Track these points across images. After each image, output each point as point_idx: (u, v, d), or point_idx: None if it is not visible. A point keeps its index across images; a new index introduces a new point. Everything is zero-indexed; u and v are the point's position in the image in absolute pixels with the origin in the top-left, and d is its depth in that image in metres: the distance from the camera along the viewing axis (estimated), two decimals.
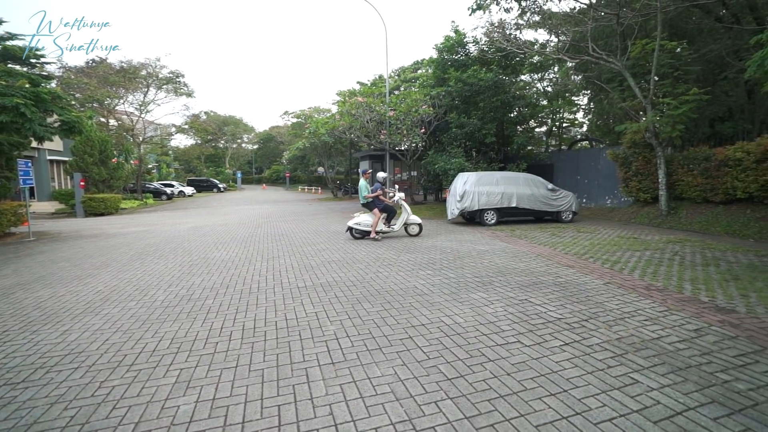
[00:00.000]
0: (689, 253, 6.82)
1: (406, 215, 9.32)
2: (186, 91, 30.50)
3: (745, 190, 8.86)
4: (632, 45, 11.43)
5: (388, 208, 9.29)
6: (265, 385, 2.72)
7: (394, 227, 9.33)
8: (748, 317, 3.74)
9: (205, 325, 3.88)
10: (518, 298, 4.43)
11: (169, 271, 6.32)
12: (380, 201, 9.18)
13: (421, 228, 9.52)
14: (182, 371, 2.93)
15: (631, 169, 11.98)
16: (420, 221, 9.48)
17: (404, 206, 9.34)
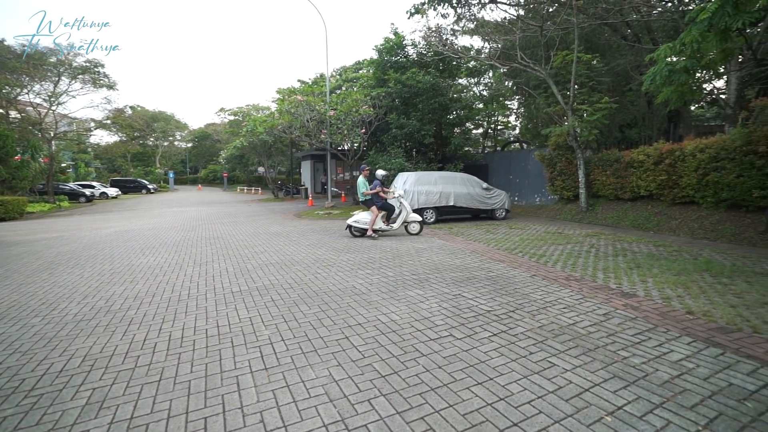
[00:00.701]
0: (603, 245, 7.54)
1: (406, 214, 9.24)
2: (106, 83, 27.85)
3: (646, 189, 10.00)
4: (554, 55, 12.41)
5: (387, 206, 9.22)
6: (192, 397, 2.57)
7: (394, 225, 9.23)
8: (646, 300, 4.23)
9: (125, 338, 3.58)
10: (452, 294, 4.62)
11: (85, 281, 5.74)
12: (379, 198, 9.13)
13: (422, 226, 9.44)
14: (95, 391, 2.68)
15: (556, 170, 12.99)
16: (420, 219, 9.39)
17: (404, 205, 9.25)
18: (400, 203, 9.32)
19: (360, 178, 9.42)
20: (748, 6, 4.76)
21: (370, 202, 9.09)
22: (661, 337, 3.29)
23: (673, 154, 9.20)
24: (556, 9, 13.30)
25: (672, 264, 5.80)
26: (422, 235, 9.43)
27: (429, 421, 2.25)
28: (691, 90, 6.79)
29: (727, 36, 5.20)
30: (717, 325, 3.51)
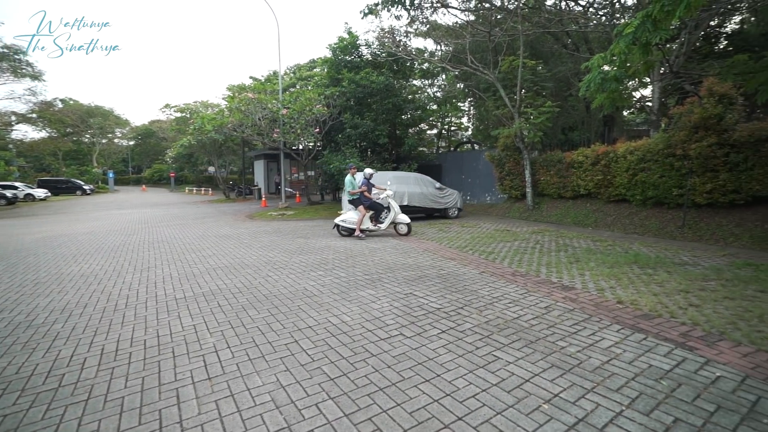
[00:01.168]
0: (547, 241, 7.98)
1: (394, 214, 8.97)
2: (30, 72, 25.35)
3: (585, 188, 10.72)
4: (502, 60, 12.96)
5: (375, 206, 9.03)
6: (125, 415, 2.40)
7: (381, 226, 9.03)
8: (583, 292, 4.53)
9: (48, 355, 3.27)
10: (404, 293, 4.68)
11: (1, 293, 5.19)
12: (366, 198, 8.91)
13: (410, 228, 9.07)
14: (6, 418, 2.42)
15: (504, 170, 13.56)
16: (408, 220, 9.05)
17: (392, 205, 8.98)
18: (389, 203, 9.09)
19: (347, 177, 9.17)
20: (664, 24, 5.24)
21: (357, 202, 8.91)
22: (595, 326, 3.53)
23: (608, 155, 9.93)
24: (504, 16, 13.90)
25: (606, 258, 6.25)
26: (376, 234, 9.47)
27: (376, 421, 2.27)
28: (621, 97, 7.34)
29: (649, 49, 5.68)
30: (642, 313, 3.83)
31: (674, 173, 8.29)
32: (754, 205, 7.46)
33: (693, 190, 7.99)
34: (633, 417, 2.24)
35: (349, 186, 8.97)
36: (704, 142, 7.55)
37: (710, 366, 2.77)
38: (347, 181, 9.03)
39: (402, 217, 9.02)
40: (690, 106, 7.90)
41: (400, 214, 9.00)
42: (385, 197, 9.04)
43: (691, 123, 7.75)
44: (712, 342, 3.15)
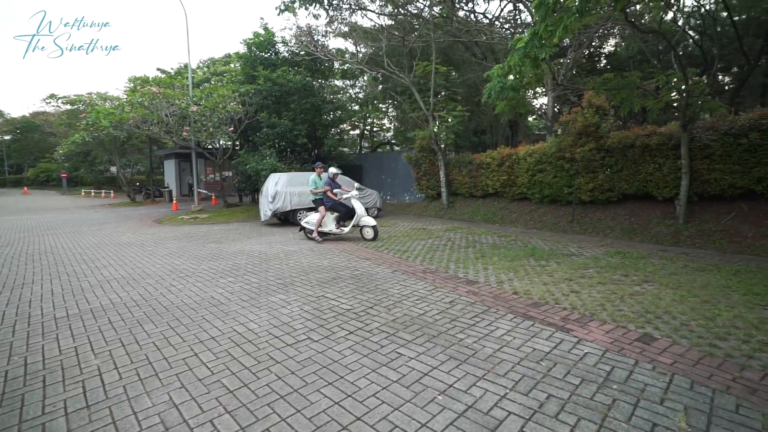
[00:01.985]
0: (458, 238, 8.48)
1: (358, 217, 8.29)
2: None
3: (493, 187, 11.62)
4: (416, 65, 13.48)
5: (338, 207, 8.35)
6: None
7: (345, 229, 8.40)
8: (485, 285, 4.90)
9: None
10: (315, 295, 4.64)
11: None
12: (329, 199, 8.33)
13: (376, 231, 8.27)
14: None
15: (421, 170, 14.12)
16: (374, 223, 8.27)
17: (356, 207, 8.27)
18: (352, 205, 8.43)
19: (312, 176, 8.65)
20: (549, 42, 5.88)
21: (320, 202, 8.43)
22: (492, 317, 3.84)
23: (511, 157, 10.86)
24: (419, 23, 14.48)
25: (508, 252, 6.83)
26: (296, 237, 9.27)
27: (274, 431, 2.22)
28: (520, 104, 8.08)
29: (538, 63, 6.33)
30: (533, 301, 4.26)
31: (564, 174, 9.34)
32: (624, 202, 8.72)
33: (579, 189, 9.08)
34: (515, 398, 2.47)
35: (312, 185, 8.53)
36: (586, 147, 8.63)
37: (581, 345, 3.17)
38: (311, 180, 8.58)
39: (367, 219, 8.31)
40: (575, 115, 8.97)
41: (365, 217, 8.32)
42: (347, 198, 8.39)
43: (575, 130, 8.80)
44: (585, 323, 3.61)
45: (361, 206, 8.30)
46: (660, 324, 3.53)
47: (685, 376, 2.66)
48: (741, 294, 4.28)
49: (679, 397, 2.43)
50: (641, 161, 8.02)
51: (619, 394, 2.47)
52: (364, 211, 8.26)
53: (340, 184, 8.62)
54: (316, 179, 8.55)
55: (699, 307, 3.89)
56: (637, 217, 8.26)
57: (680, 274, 5.14)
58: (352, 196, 8.35)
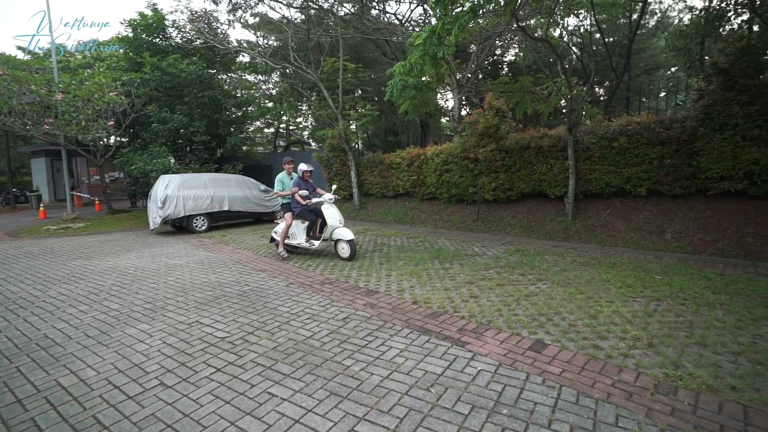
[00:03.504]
0: (366, 241, 8.16)
1: (330, 228, 6.42)
2: None
3: (403, 187, 11.56)
4: (324, 61, 12.93)
5: (307, 214, 6.61)
6: None
7: (315, 243, 6.63)
8: (384, 295, 4.58)
9: None
10: (188, 322, 3.90)
11: None
12: (297, 203, 6.63)
13: (353, 248, 6.39)
14: None
15: (333, 170, 13.61)
16: (351, 237, 6.34)
17: (328, 214, 6.42)
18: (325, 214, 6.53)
19: (279, 175, 6.99)
20: (447, 41, 5.80)
21: (287, 208, 6.83)
22: (386, 334, 3.50)
23: (420, 157, 10.88)
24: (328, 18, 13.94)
25: (414, 255, 6.66)
26: (188, 246, 8.17)
27: None
28: (424, 104, 8.00)
29: (438, 62, 6.24)
30: (431, 311, 4.03)
31: (469, 174, 9.56)
32: (522, 200, 9.17)
33: (483, 189, 9.35)
34: None
35: (278, 186, 6.91)
36: (488, 148, 8.90)
37: (475, 361, 2.96)
38: (278, 180, 6.94)
39: (342, 232, 6.38)
40: (477, 117, 9.21)
41: (340, 228, 6.40)
42: (318, 203, 6.61)
43: (478, 131, 9.03)
44: (481, 333, 3.45)
45: (335, 214, 6.42)
46: (551, 327, 3.50)
47: (572, 388, 2.56)
48: (617, 287, 4.53)
49: (566, 415, 2.29)
50: (536, 162, 8.47)
51: (509, 420, 2.26)
52: (339, 221, 6.40)
53: (314, 186, 6.99)
54: (283, 178, 6.94)
55: (584, 305, 3.99)
56: (534, 215, 8.73)
57: (569, 270, 5.37)
58: (325, 201, 6.54)
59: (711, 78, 6.63)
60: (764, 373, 2.68)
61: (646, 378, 2.64)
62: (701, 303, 3.96)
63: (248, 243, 8.40)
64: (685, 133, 6.73)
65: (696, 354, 2.95)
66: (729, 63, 6.28)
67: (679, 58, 15.71)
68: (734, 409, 2.32)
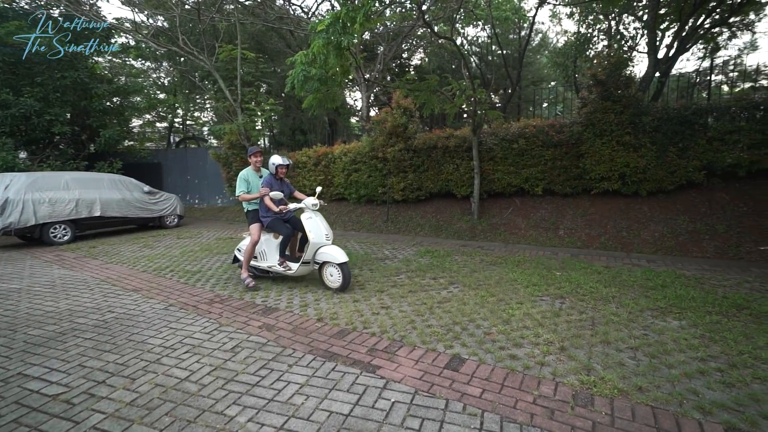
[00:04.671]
0: None
1: (313, 247, 4.56)
2: None
3: (310, 188, 10.90)
4: (219, 48, 11.63)
5: (282, 227, 4.72)
6: None
7: (292, 266, 4.73)
8: (286, 313, 3.98)
9: None
10: (4, 376, 2.86)
11: None
12: (268, 210, 4.73)
13: (346, 275, 4.51)
14: None
15: (232, 169, 12.33)
16: (344, 259, 4.49)
17: (311, 227, 4.56)
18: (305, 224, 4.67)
19: (242, 172, 4.95)
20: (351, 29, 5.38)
21: (254, 218, 4.91)
22: (284, 365, 2.93)
23: (327, 156, 10.35)
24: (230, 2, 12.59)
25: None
26: (37, 263, 6.49)
27: None
28: (329, 99, 7.48)
29: (342, 53, 5.79)
30: (339, 329, 3.55)
31: (378, 174, 9.31)
32: (431, 200, 9.22)
33: (392, 189, 9.17)
34: None
35: (242, 186, 4.88)
36: (396, 147, 8.73)
37: (388, 390, 2.56)
38: (241, 177, 4.91)
39: (329, 252, 4.54)
40: (385, 115, 8.99)
41: (327, 247, 4.60)
42: (295, 209, 4.79)
43: (386, 130, 8.81)
44: (394, 352, 3.07)
45: (320, 227, 4.62)
46: (466, 337, 3.28)
47: (495, 412, 2.30)
48: (525, 287, 4.57)
49: None
50: (443, 162, 8.53)
51: None
52: (325, 236, 4.60)
53: (291, 187, 5.12)
54: (248, 176, 4.95)
55: (497, 309, 3.89)
56: (442, 214, 8.81)
57: (479, 270, 5.34)
58: (307, 207, 4.77)
59: (591, 88, 7.27)
60: (659, 366, 2.75)
61: (564, 389, 2.50)
62: (597, 298, 4.13)
63: (124, 255, 7.01)
64: (573, 137, 7.29)
65: (602, 354, 2.94)
66: (605, 75, 6.93)
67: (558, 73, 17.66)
68: (645, 412, 2.27)
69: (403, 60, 19.98)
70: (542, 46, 21.58)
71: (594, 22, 14.08)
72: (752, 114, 6.41)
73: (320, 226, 4.63)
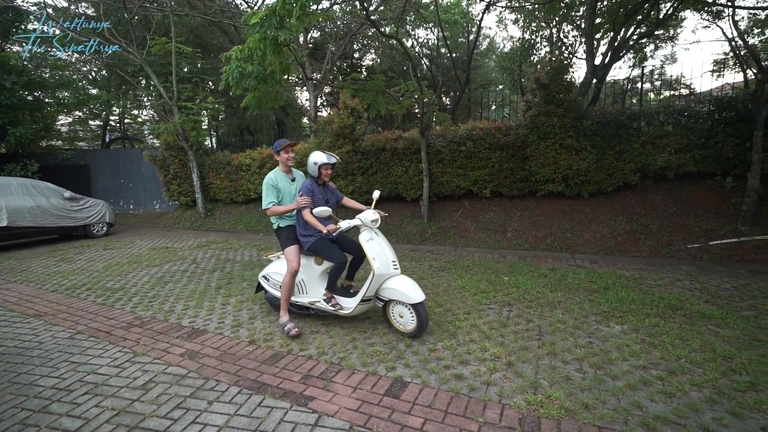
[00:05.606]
0: (207, 258, 6.80)
1: (378, 279, 3.37)
2: None
3: (256, 191, 10.31)
4: (152, 40, 10.71)
5: (330, 250, 3.55)
6: None
7: (345, 306, 3.53)
8: (214, 336, 3.56)
9: None
10: None
11: None
12: (310, 229, 3.59)
13: (422, 317, 3.27)
14: None
15: (170, 173, 11.44)
16: (420, 298, 3.26)
17: (375, 250, 3.39)
18: (367, 247, 3.43)
19: (269, 177, 3.70)
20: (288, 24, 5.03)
21: (289, 237, 3.71)
22: (204, 401, 2.54)
23: (272, 159, 9.82)
24: None
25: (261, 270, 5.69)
26: None
27: None
28: (270, 98, 7.03)
29: (281, 50, 5.41)
30: (272, 352, 3.21)
31: None
32: (381, 203, 8.96)
33: (340, 191, 8.85)
34: None
35: (270, 195, 3.65)
36: (344, 149, 8.43)
37: (319, 427, 2.27)
38: (267, 183, 3.66)
39: (400, 285, 3.34)
40: (333, 116, 8.66)
41: (396, 278, 3.41)
42: (348, 228, 3.53)
43: (333, 131, 8.49)
44: (330, 378, 2.78)
45: (386, 252, 3.45)
46: (410, 356, 3.07)
47: None
48: (472, 294, 4.46)
49: None
50: (392, 164, 8.35)
51: None
52: (392, 263, 3.42)
53: (338, 193, 3.98)
54: (278, 179, 3.72)
55: (443, 321, 3.72)
56: (392, 218, 8.63)
57: (427, 278, 5.18)
58: (366, 224, 3.52)
59: (535, 91, 7.40)
60: (604, 378, 2.68)
61: (510, 412, 2.34)
62: (544, 303, 4.09)
63: (33, 272, 6.14)
64: (518, 139, 7.37)
65: (549, 367, 2.84)
66: (548, 79, 7.07)
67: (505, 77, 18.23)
68: None
69: (354, 60, 19.72)
70: (490, 50, 22.20)
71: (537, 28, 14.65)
72: (677, 120, 6.80)
73: (385, 250, 3.42)
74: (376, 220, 3.52)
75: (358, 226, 3.51)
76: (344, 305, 3.55)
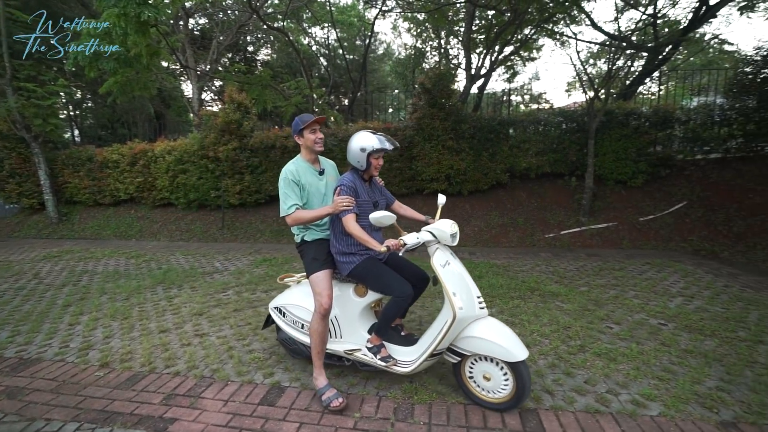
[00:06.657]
0: (57, 271, 5.71)
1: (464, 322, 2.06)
2: None
3: (126, 192, 9.05)
4: None
5: (385, 276, 2.22)
6: None
7: (403, 362, 2.21)
8: (51, 364, 2.96)
9: None
10: None
11: None
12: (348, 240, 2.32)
13: (523, 382, 2.12)
14: None
15: (5, 169, 9.37)
16: (523, 354, 2.12)
17: (453, 279, 2.10)
18: (442, 272, 2.28)
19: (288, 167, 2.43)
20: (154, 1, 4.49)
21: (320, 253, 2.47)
22: None
23: (146, 154, 8.72)
24: None
25: (128, 283, 4.98)
26: None
27: None
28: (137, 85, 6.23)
29: (147, 30, 4.79)
30: (130, 374, 2.79)
31: (210, 175, 8.25)
32: (272, 203, 8.62)
33: (227, 192, 8.24)
34: None
35: (293, 196, 2.43)
36: (230, 146, 7.87)
37: None
38: (286, 178, 2.44)
39: (490, 335, 2.19)
40: (217, 110, 8.01)
41: (483, 322, 2.25)
42: (416, 245, 2.28)
43: (218, 126, 7.86)
44: (199, 394, 2.52)
45: (468, 284, 2.31)
46: (289, 360, 2.95)
47: None
48: None
49: None
50: (282, 162, 7.97)
51: None
52: (477, 303, 2.26)
53: (391, 196, 3.00)
54: (300, 172, 2.53)
55: None
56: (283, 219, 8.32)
57: None
58: (442, 239, 2.37)
59: (421, 95, 7.83)
60: None
61: (387, 403, 2.39)
62: (425, 295, 4.31)
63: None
64: (406, 140, 7.71)
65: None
66: (432, 84, 7.54)
67: (399, 81, 19.05)
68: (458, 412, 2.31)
69: (248, 54, 18.61)
70: (386, 55, 22.94)
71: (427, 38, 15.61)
72: (537, 128, 7.84)
73: (467, 281, 2.34)
74: (455, 234, 2.40)
75: (426, 242, 2.41)
76: (401, 359, 2.44)
